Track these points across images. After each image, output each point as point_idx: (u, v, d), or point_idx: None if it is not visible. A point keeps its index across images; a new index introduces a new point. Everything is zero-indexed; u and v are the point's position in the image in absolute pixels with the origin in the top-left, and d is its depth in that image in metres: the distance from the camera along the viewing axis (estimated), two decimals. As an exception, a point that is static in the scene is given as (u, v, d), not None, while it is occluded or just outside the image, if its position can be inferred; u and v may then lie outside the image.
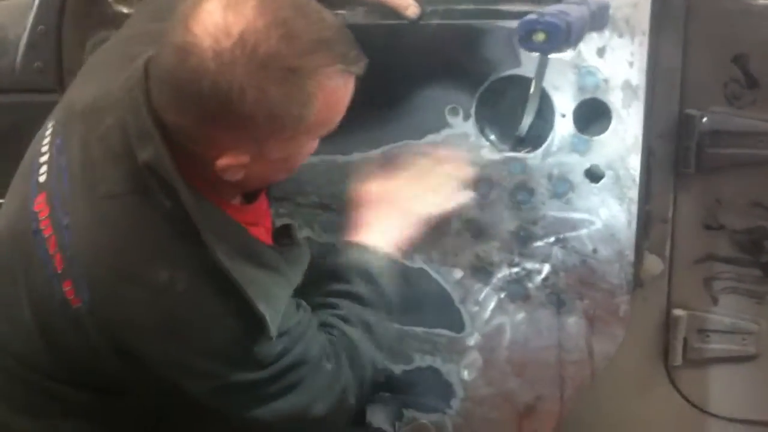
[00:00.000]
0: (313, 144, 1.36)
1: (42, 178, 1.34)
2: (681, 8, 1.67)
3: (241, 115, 1.18)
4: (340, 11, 1.68)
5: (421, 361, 1.82)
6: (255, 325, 1.28)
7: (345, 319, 1.47)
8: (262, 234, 1.44)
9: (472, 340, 1.78)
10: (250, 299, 1.26)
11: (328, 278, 1.49)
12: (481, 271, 1.73)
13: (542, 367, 1.75)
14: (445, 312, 1.77)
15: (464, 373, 1.80)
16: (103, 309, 1.27)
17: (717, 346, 1.88)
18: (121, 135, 1.27)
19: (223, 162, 1.23)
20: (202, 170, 1.26)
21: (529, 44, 1.37)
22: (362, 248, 1.49)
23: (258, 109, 1.18)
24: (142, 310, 1.26)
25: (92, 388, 1.38)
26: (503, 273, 1.72)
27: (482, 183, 1.69)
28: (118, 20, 1.90)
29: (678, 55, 1.70)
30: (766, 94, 1.69)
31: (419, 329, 1.79)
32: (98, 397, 1.39)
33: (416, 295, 1.76)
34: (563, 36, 1.35)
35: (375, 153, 1.75)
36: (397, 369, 1.83)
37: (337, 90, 1.26)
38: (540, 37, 1.35)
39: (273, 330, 1.28)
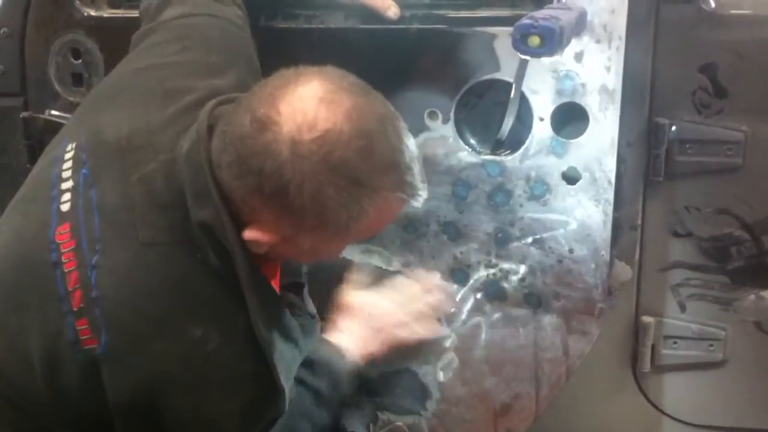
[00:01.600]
0: (344, 247, 1.37)
1: (65, 207, 1.29)
2: (650, 17, 1.70)
3: (292, 204, 1.17)
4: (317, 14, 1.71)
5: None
6: (270, 396, 1.28)
7: (302, 413, 1.45)
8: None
9: (449, 342, 1.79)
10: (275, 371, 1.26)
11: (303, 364, 1.47)
12: (459, 272, 1.75)
13: (518, 366, 1.77)
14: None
15: (440, 374, 1.81)
16: (120, 354, 1.23)
17: (685, 352, 1.90)
18: (169, 184, 1.24)
19: (251, 234, 1.21)
20: None
21: (523, 48, 1.39)
22: (333, 348, 1.49)
23: (311, 205, 1.17)
24: (164, 362, 1.23)
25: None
26: (480, 274, 1.74)
27: (460, 185, 1.70)
28: (85, 23, 1.90)
29: (647, 64, 1.73)
30: (734, 102, 1.72)
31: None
32: None
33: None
34: (557, 40, 1.37)
35: (353, 156, 1.76)
36: (373, 372, 1.82)
37: (389, 213, 1.27)
38: (535, 41, 1.37)
39: (284, 406, 1.29)
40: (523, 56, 1.42)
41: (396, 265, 1.77)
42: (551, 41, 1.37)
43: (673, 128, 1.74)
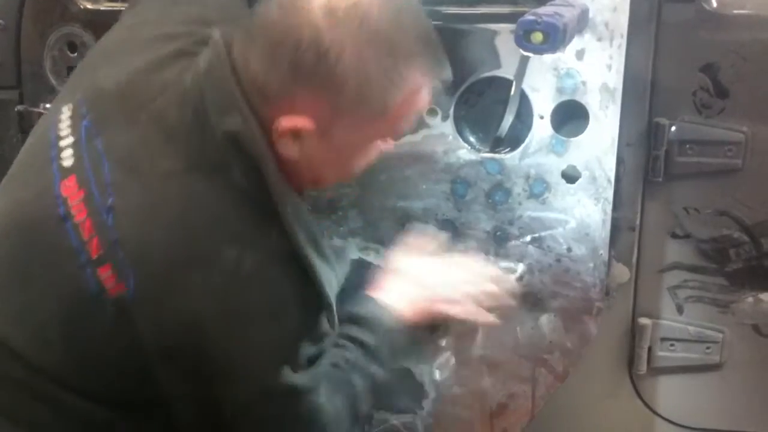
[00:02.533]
0: (376, 148, 1.33)
1: (68, 163, 1.24)
2: (652, 17, 1.70)
3: (332, 75, 1.16)
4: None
5: (393, 361, 1.81)
6: (312, 314, 1.26)
7: (353, 366, 1.41)
8: None
9: (445, 340, 1.77)
10: (323, 287, 1.24)
11: (348, 320, 1.43)
12: (457, 270, 1.73)
13: (515, 366, 1.75)
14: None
15: (436, 373, 1.79)
16: (154, 294, 1.17)
17: (681, 354, 1.89)
18: (182, 113, 1.22)
19: (287, 122, 1.19)
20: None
21: (526, 44, 1.38)
22: (380, 304, 1.44)
23: (350, 74, 1.16)
24: (206, 295, 1.17)
25: (113, 403, 1.25)
26: (478, 273, 1.72)
27: (459, 183, 1.69)
28: (81, 16, 1.89)
29: (648, 63, 1.72)
30: (734, 103, 1.71)
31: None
32: (117, 416, 1.26)
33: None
34: (561, 37, 1.37)
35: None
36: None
37: (421, 89, 1.25)
38: (538, 37, 1.37)
39: (333, 317, 1.27)
40: (525, 53, 1.41)
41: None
42: (554, 38, 1.36)
43: (673, 128, 1.73)
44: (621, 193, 1.77)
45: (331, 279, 1.31)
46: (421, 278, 1.47)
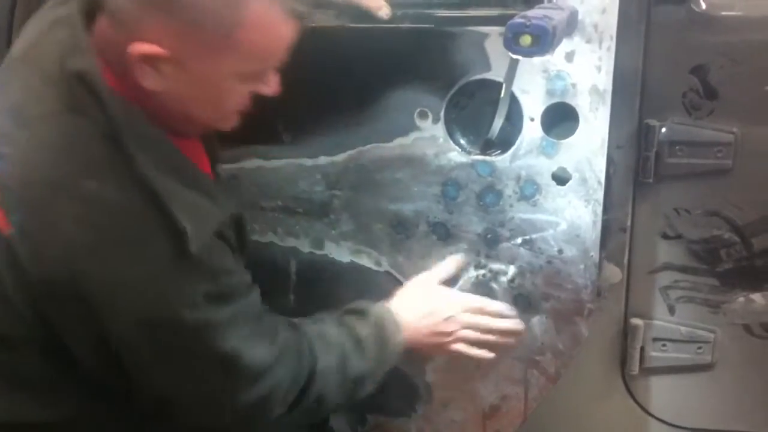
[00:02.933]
0: (242, 91, 1.35)
1: None
2: (641, 18, 1.70)
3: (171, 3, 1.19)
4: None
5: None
6: (179, 244, 1.26)
7: (327, 342, 1.51)
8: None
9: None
10: (171, 212, 1.25)
11: (353, 310, 1.58)
12: (448, 273, 1.74)
13: (507, 368, 1.75)
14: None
15: (429, 375, 1.79)
16: (30, 230, 1.24)
17: (673, 354, 1.89)
18: (55, 58, 1.27)
19: (135, 48, 1.21)
20: (134, 87, 1.26)
21: (515, 47, 1.38)
22: (389, 310, 1.61)
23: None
24: (73, 224, 1.23)
25: (23, 344, 1.33)
26: (470, 275, 1.73)
27: (450, 186, 1.70)
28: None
29: (638, 65, 1.72)
30: (724, 104, 1.72)
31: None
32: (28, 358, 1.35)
33: (382, 299, 1.75)
34: (550, 40, 1.36)
35: (342, 156, 1.75)
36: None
37: (272, 17, 1.26)
38: (527, 40, 1.36)
39: (194, 246, 1.26)
40: (514, 56, 1.41)
41: (385, 266, 1.76)
42: (544, 41, 1.36)
43: (663, 130, 1.73)
44: (612, 195, 1.77)
45: (212, 212, 1.33)
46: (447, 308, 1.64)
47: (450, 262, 1.71)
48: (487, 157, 1.68)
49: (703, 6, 1.66)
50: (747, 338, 1.87)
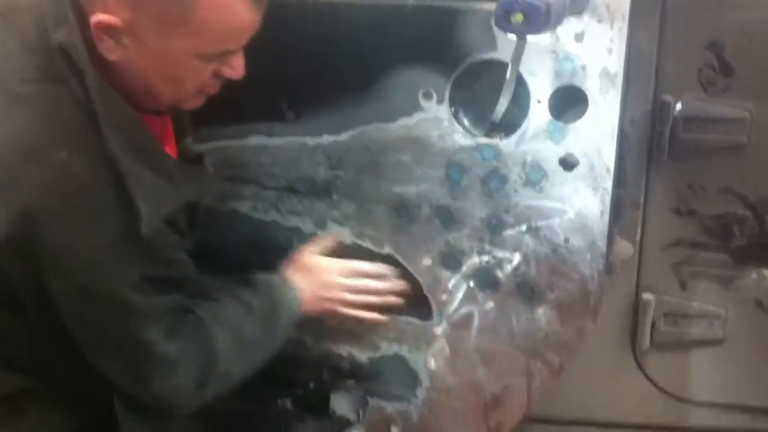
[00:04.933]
0: (203, 71, 1.35)
1: None
2: (656, -3, 1.64)
3: None
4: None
5: (388, 349, 1.80)
6: (134, 224, 1.29)
7: (222, 321, 1.54)
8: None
9: (440, 329, 1.76)
10: (131, 192, 1.28)
11: (245, 281, 1.63)
12: (451, 258, 1.71)
13: (510, 358, 1.73)
14: (413, 299, 1.74)
15: (431, 362, 1.78)
16: (1, 186, 1.28)
17: (684, 330, 1.88)
18: (38, 27, 1.29)
19: (95, 18, 1.23)
20: (102, 61, 1.28)
21: (506, 25, 1.33)
22: (280, 278, 1.66)
23: None
24: (39, 187, 1.26)
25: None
26: (473, 261, 1.69)
27: (454, 169, 1.65)
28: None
29: (654, 41, 1.67)
30: (740, 80, 1.68)
31: (386, 316, 1.76)
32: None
33: (384, 282, 1.74)
34: (542, 18, 1.30)
35: (345, 135, 1.71)
36: (363, 356, 1.82)
37: (228, 6, 1.26)
38: (518, 18, 1.31)
39: (146, 228, 1.29)
40: (506, 34, 1.39)
41: (387, 249, 1.73)
42: (536, 19, 1.30)
43: (679, 106, 1.70)
44: (625, 171, 1.75)
45: (168, 192, 1.36)
46: (321, 273, 1.69)
47: (325, 240, 1.76)
48: (492, 141, 1.63)
49: (719, -18, 1.59)
50: (758, 314, 1.86)
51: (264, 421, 1.89)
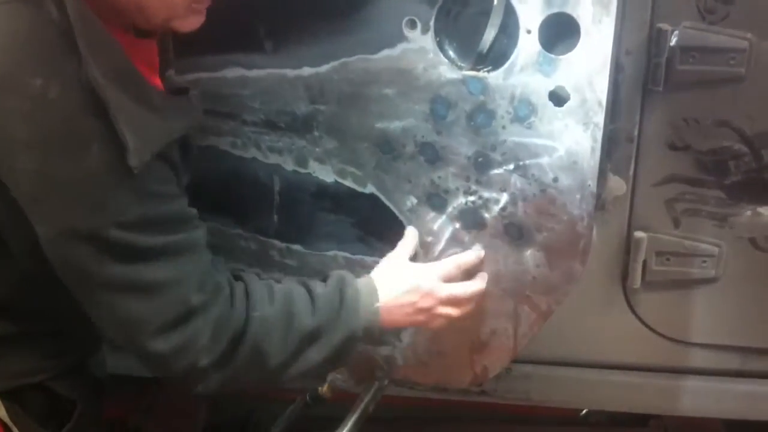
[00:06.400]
0: None
1: None
2: None
3: None
4: None
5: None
6: (119, 157, 1.21)
7: (273, 293, 1.45)
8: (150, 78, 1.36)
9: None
10: (115, 122, 1.20)
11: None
12: (436, 198, 1.64)
13: (496, 301, 1.68)
14: (397, 242, 1.68)
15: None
16: None
17: (677, 268, 1.84)
18: None
19: None
20: None
21: None
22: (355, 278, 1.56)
23: None
24: (15, 120, 1.20)
25: None
26: (459, 201, 1.63)
27: (439, 103, 1.57)
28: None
29: (650, -36, 1.59)
30: (740, 8, 1.61)
31: (369, 258, 1.71)
32: None
33: (368, 223, 1.67)
34: None
35: (326, 67, 1.63)
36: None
37: None
38: None
39: (134, 161, 1.21)
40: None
41: (370, 188, 1.66)
42: None
43: (675, 35, 1.64)
44: (619, 103, 1.69)
45: (158, 127, 1.29)
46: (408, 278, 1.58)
47: (410, 238, 1.67)
48: (479, 73, 1.54)
49: None
50: (752, 252, 1.83)
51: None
